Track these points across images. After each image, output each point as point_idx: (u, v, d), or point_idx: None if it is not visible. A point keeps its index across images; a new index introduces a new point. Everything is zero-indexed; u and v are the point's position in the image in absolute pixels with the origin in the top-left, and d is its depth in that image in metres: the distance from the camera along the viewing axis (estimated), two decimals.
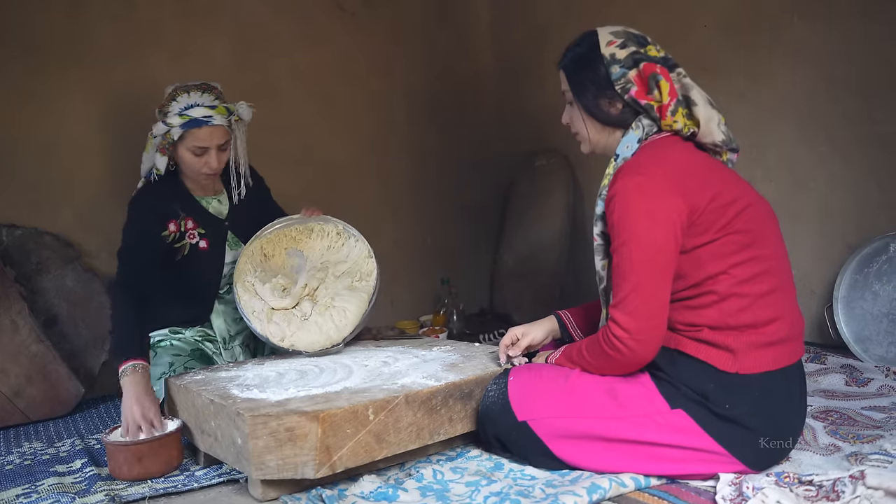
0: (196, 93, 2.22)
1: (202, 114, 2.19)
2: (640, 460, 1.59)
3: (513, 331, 1.93)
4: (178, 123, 2.18)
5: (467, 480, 1.67)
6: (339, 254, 2.32)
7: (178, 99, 2.20)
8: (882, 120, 2.51)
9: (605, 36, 1.67)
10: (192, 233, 2.32)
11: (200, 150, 2.23)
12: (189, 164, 2.27)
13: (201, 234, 2.34)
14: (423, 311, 3.66)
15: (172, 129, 2.19)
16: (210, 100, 2.22)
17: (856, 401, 2.08)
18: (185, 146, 2.23)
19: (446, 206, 3.82)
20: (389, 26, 3.60)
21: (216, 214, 2.39)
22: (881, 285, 2.49)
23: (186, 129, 2.20)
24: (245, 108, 2.30)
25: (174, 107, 2.20)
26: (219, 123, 2.22)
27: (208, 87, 2.25)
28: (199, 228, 2.34)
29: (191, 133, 2.21)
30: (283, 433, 1.58)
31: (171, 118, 2.19)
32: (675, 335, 1.60)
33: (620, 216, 1.55)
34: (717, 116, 1.66)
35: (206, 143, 2.22)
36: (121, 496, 1.71)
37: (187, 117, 2.18)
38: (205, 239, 2.34)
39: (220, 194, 2.43)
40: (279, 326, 2.15)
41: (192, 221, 2.33)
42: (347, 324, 2.17)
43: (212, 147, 2.23)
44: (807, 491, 1.45)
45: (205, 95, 2.22)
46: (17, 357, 2.45)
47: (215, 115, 2.21)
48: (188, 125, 2.19)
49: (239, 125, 2.31)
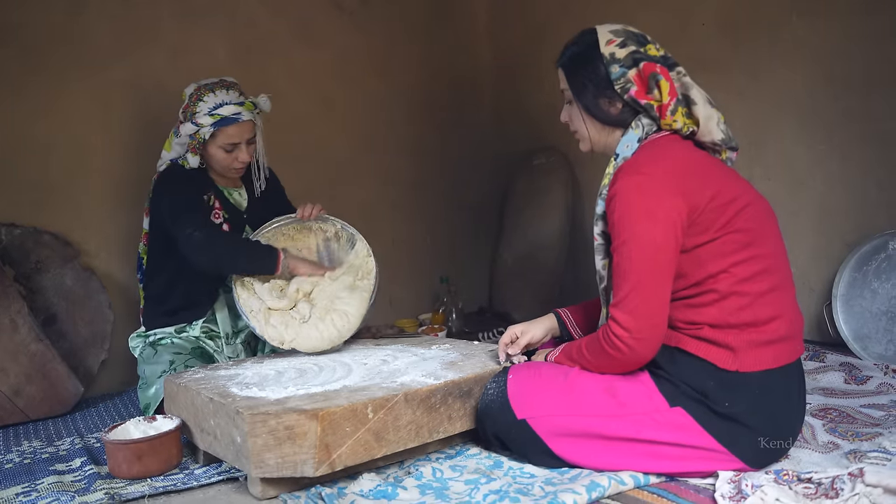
0: (221, 91, 2.27)
1: (232, 111, 2.25)
2: (639, 458, 1.59)
3: (512, 329, 1.93)
4: (210, 123, 2.23)
5: (466, 478, 1.67)
6: (340, 254, 2.33)
7: (205, 99, 2.25)
8: (881, 117, 2.51)
9: (604, 35, 1.67)
10: (217, 212, 2.38)
11: (231, 146, 2.30)
12: (220, 161, 2.32)
13: (225, 217, 2.39)
14: (422, 309, 3.66)
15: (203, 128, 2.24)
16: (236, 97, 2.28)
17: (855, 398, 2.08)
18: (217, 144, 2.29)
19: (445, 205, 3.82)
20: (388, 26, 3.60)
21: (236, 206, 2.45)
22: (880, 283, 2.49)
23: (218, 128, 2.25)
24: (265, 101, 2.36)
25: (202, 107, 2.24)
26: (247, 119, 2.28)
27: (230, 84, 2.31)
28: (223, 211, 2.39)
29: (222, 131, 2.26)
30: (283, 431, 1.58)
31: (200, 118, 2.23)
32: (676, 333, 1.60)
33: (621, 216, 1.56)
34: (717, 115, 1.66)
35: (237, 139, 2.29)
36: (120, 494, 1.71)
37: (218, 116, 2.23)
38: (227, 223, 2.39)
39: (240, 188, 2.49)
40: (276, 329, 2.15)
41: (219, 203, 2.39)
42: (350, 327, 2.17)
43: (242, 142, 2.30)
44: (806, 488, 1.45)
45: (230, 93, 2.28)
46: (17, 356, 2.45)
47: (244, 111, 2.27)
48: (220, 124, 2.24)
49: (260, 118, 2.36)
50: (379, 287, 2.29)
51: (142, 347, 2.38)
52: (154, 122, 2.79)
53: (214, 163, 2.35)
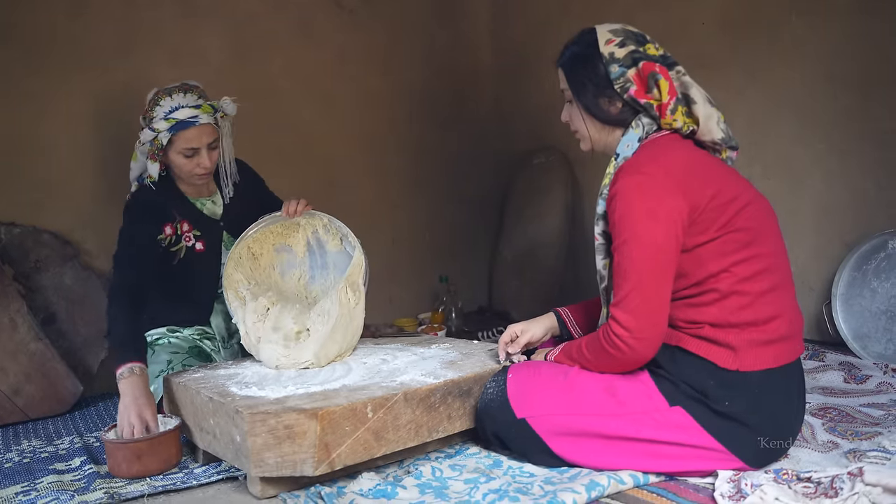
0: (178, 94, 2.19)
1: (188, 115, 2.16)
2: (638, 457, 1.59)
3: (512, 328, 1.93)
4: (166, 127, 2.16)
5: (466, 478, 1.67)
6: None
7: (161, 103, 2.18)
8: (880, 117, 2.51)
9: (603, 34, 1.67)
10: (187, 235, 2.31)
11: (191, 150, 2.21)
12: (181, 167, 2.24)
13: (197, 235, 2.32)
14: (421, 308, 3.66)
15: (160, 133, 2.17)
16: (193, 99, 2.20)
17: (854, 398, 2.08)
18: (176, 149, 2.21)
19: (445, 204, 3.81)
20: (388, 24, 3.60)
21: (210, 216, 2.38)
22: (879, 282, 2.49)
23: (175, 132, 2.17)
24: (229, 104, 2.27)
25: (158, 111, 2.17)
26: (206, 122, 2.20)
27: (190, 87, 2.22)
28: (194, 230, 2.32)
29: (179, 135, 2.18)
30: (282, 431, 1.58)
31: (157, 123, 2.17)
32: (676, 332, 1.60)
33: (621, 215, 1.56)
34: (717, 114, 1.66)
35: (196, 143, 2.20)
36: (120, 494, 1.71)
37: (174, 120, 2.16)
38: (201, 241, 2.33)
39: (213, 195, 2.41)
40: (267, 353, 2.05)
41: (187, 224, 2.32)
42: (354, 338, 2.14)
43: (202, 147, 2.21)
44: (805, 488, 1.45)
45: (188, 96, 2.19)
46: (16, 355, 2.45)
47: (201, 115, 2.18)
48: (176, 128, 2.16)
49: (224, 122, 2.29)
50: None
51: None
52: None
53: (177, 170, 2.27)
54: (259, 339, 2.07)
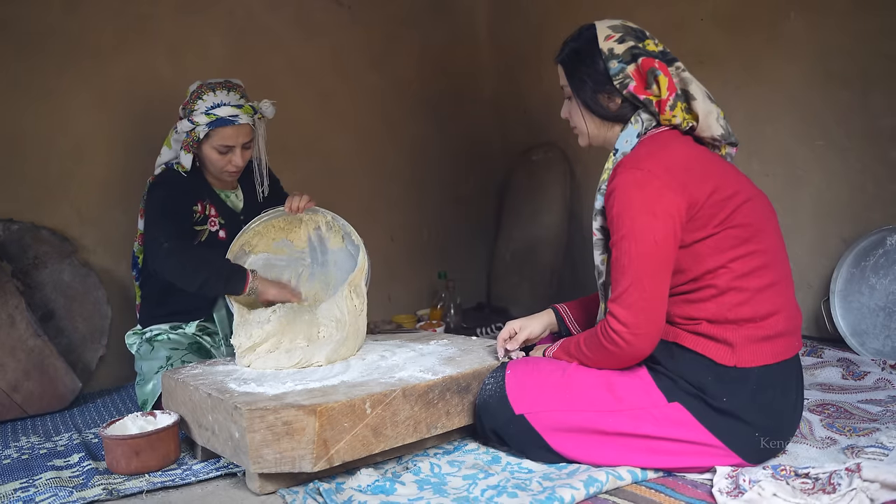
0: (222, 91, 2.22)
1: (229, 113, 2.20)
2: (636, 453, 1.59)
3: (510, 324, 1.93)
4: (205, 122, 2.20)
5: (465, 474, 1.67)
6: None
7: (203, 97, 2.21)
8: (878, 114, 2.51)
9: (602, 30, 1.67)
10: (213, 220, 2.36)
11: (226, 148, 2.25)
12: (214, 162, 2.29)
13: (221, 223, 2.37)
14: (420, 305, 3.66)
15: (198, 126, 2.20)
16: (236, 98, 2.23)
17: (852, 394, 2.09)
18: (211, 144, 2.25)
19: (443, 200, 3.81)
20: (386, 20, 3.59)
21: (233, 208, 2.43)
22: (878, 279, 2.49)
23: (213, 128, 2.21)
24: (268, 106, 2.31)
25: (200, 105, 2.21)
26: (244, 122, 2.23)
27: (233, 86, 2.26)
28: (219, 217, 2.37)
29: (217, 132, 2.22)
30: (281, 427, 1.58)
31: (197, 116, 2.20)
32: (674, 328, 1.60)
33: (620, 211, 1.55)
34: (716, 110, 1.66)
35: (232, 141, 2.24)
36: (118, 490, 1.71)
37: (214, 116, 2.19)
38: (223, 229, 2.37)
39: (236, 189, 2.46)
40: (262, 360, 2.03)
41: (214, 209, 2.37)
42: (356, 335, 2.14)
43: (237, 146, 2.26)
44: (803, 484, 1.45)
45: (231, 94, 2.23)
46: (15, 352, 2.45)
47: (241, 114, 2.22)
48: (215, 124, 2.20)
49: (261, 123, 2.32)
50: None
51: (138, 344, 2.38)
52: (152, 117, 2.78)
53: (208, 163, 2.31)
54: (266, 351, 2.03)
